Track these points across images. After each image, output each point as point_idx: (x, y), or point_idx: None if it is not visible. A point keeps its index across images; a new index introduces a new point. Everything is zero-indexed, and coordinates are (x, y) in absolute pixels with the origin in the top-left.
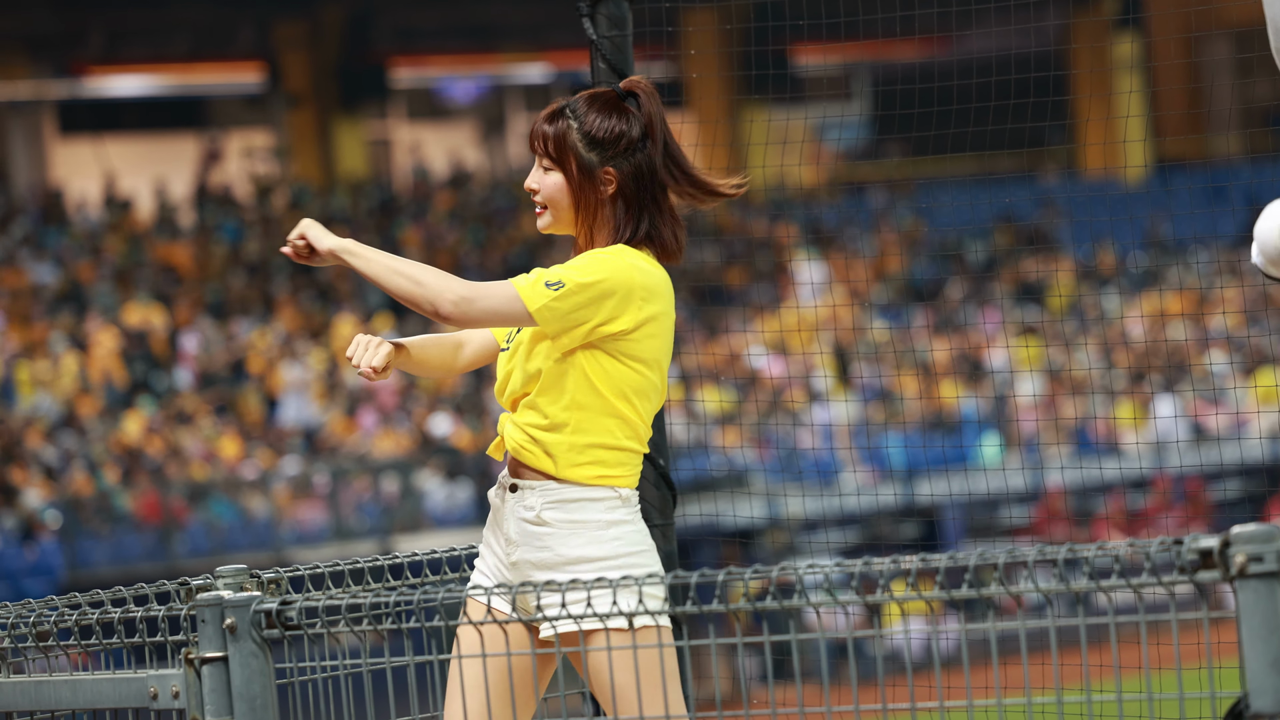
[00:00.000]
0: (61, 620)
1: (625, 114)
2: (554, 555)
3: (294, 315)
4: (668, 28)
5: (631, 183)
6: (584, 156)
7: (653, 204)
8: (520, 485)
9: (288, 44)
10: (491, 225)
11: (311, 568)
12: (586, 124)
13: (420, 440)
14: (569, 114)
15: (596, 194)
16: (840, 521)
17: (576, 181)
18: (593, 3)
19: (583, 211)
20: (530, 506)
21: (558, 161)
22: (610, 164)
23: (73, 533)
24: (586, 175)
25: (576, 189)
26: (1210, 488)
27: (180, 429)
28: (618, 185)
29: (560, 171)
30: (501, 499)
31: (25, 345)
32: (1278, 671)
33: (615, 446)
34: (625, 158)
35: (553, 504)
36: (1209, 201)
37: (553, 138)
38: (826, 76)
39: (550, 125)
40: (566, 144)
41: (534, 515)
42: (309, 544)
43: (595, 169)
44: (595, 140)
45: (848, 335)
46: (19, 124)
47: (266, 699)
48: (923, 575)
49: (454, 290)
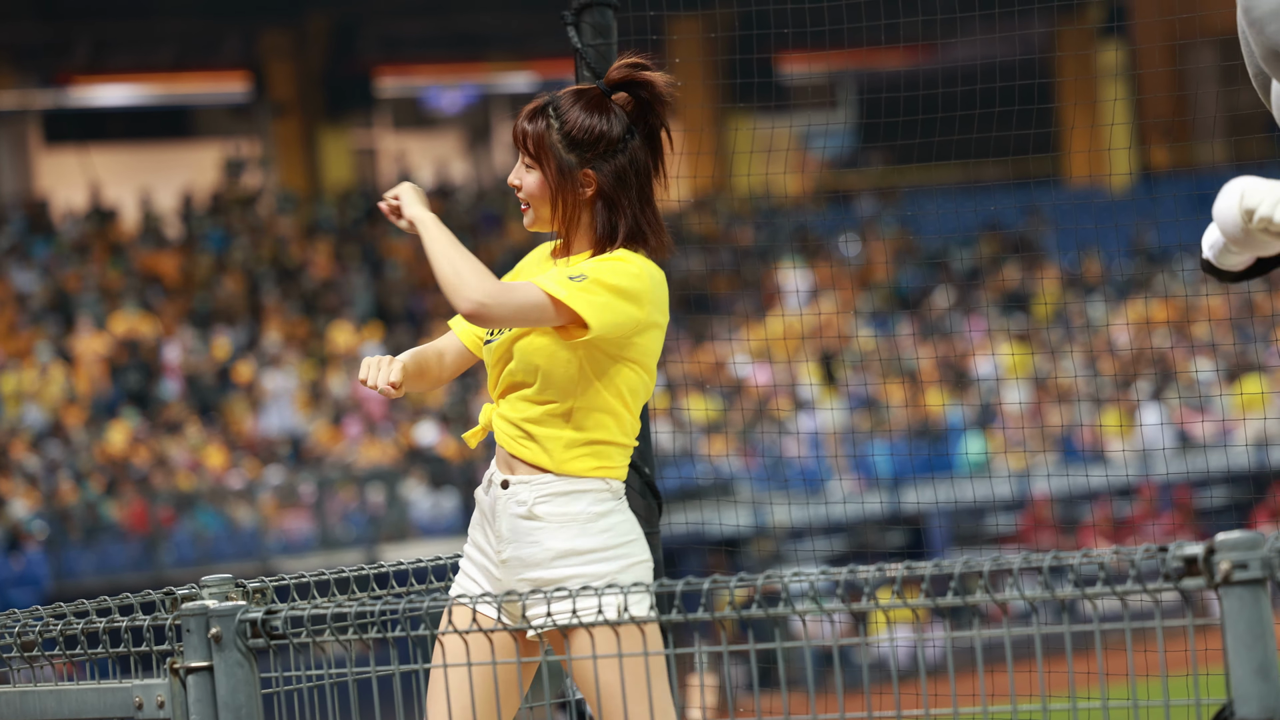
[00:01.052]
0: (47, 630)
1: (607, 113)
2: (543, 550)
3: (280, 325)
4: (653, 36)
5: (612, 184)
6: (563, 157)
7: (637, 203)
8: (512, 481)
9: (273, 53)
10: (477, 234)
11: (297, 577)
12: (566, 124)
13: (406, 450)
14: (550, 113)
15: (575, 195)
16: (826, 530)
17: (555, 181)
18: (577, 11)
19: (561, 211)
20: (522, 501)
21: (537, 160)
22: (589, 165)
23: (58, 543)
24: (565, 176)
25: (555, 189)
26: (1196, 495)
27: (166, 439)
28: (597, 187)
29: (539, 171)
30: (492, 496)
31: (11, 355)
32: (1263, 678)
33: (610, 441)
34: (605, 159)
35: (544, 498)
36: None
37: (533, 136)
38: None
39: (531, 123)
40: (545, 144)
41: (525, 510)
42: (295, 553)
43: (574, 170)
44: (574, 141)
45: (834, 343)
46: (4, 133)
47: (252, 709)
48: (908, 583)
49: (484, 288)
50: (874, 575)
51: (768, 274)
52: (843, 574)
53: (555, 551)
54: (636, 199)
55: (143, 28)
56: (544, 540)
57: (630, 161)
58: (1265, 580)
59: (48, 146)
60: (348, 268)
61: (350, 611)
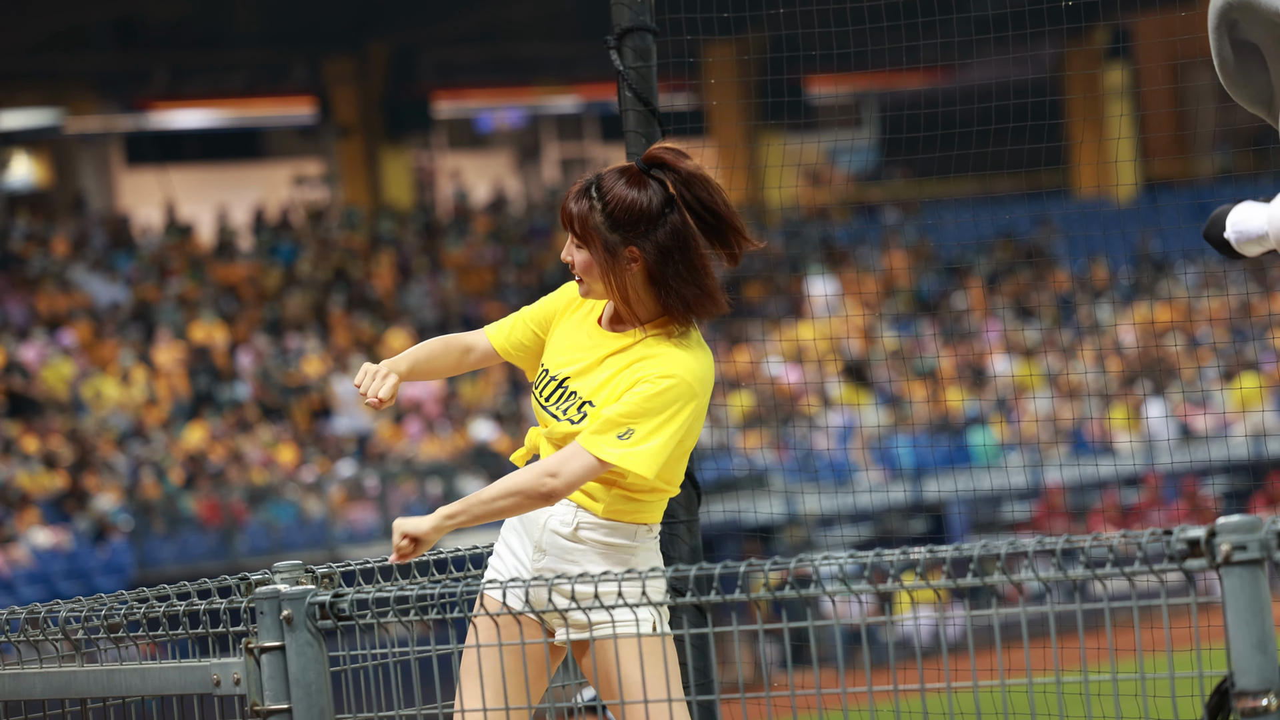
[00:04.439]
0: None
1: (645, 187)
2: (578, 569)
3: (346, 331)
4: (689, 59)
5: (657, 258)
6: (607, 237)
7: (685, 274)
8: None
9: (337, 79)
10: (529, 245)
11: (362, 563)
12: (609, 204)
13: (462, 446)
14: (592, 194)
15: (623, 270)
16: (854, 518)
17: (603, 260)
18: (619, 36)
19: (614, 286)
20: (566, 522)
21: (583, 240)
22: (634, 243)
23: (141, 533)
24: (611, 254)
25: (605, 267)
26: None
27: (240, 437)
28: (643, 262)
29: (587, 250)
30: (535, 511)
31: (96, 361)
32: (1261, 652)
33: (653, 490)
34: (648, 234)
35: (589, 525)
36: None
37: (578, 217)
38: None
39: (576, 204)
40: (590, 224)
41: (569, 531)
42: (360, 542)
43: (619, 248)
44: (617, 221)
45: (861, 345)
46: (89, 155)
47: (321, 685)
48: (931, 566)
49: (541, 481)
50: (899, 559)
51: (797, 281)
52: (869, 558)
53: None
54: (684, 269)
55: (216, 57)
56: (582, 562)
57: (672, 234)
58: (1263, 561)
59: (129, 167)
60: (408, 278)
61: (412, 594)
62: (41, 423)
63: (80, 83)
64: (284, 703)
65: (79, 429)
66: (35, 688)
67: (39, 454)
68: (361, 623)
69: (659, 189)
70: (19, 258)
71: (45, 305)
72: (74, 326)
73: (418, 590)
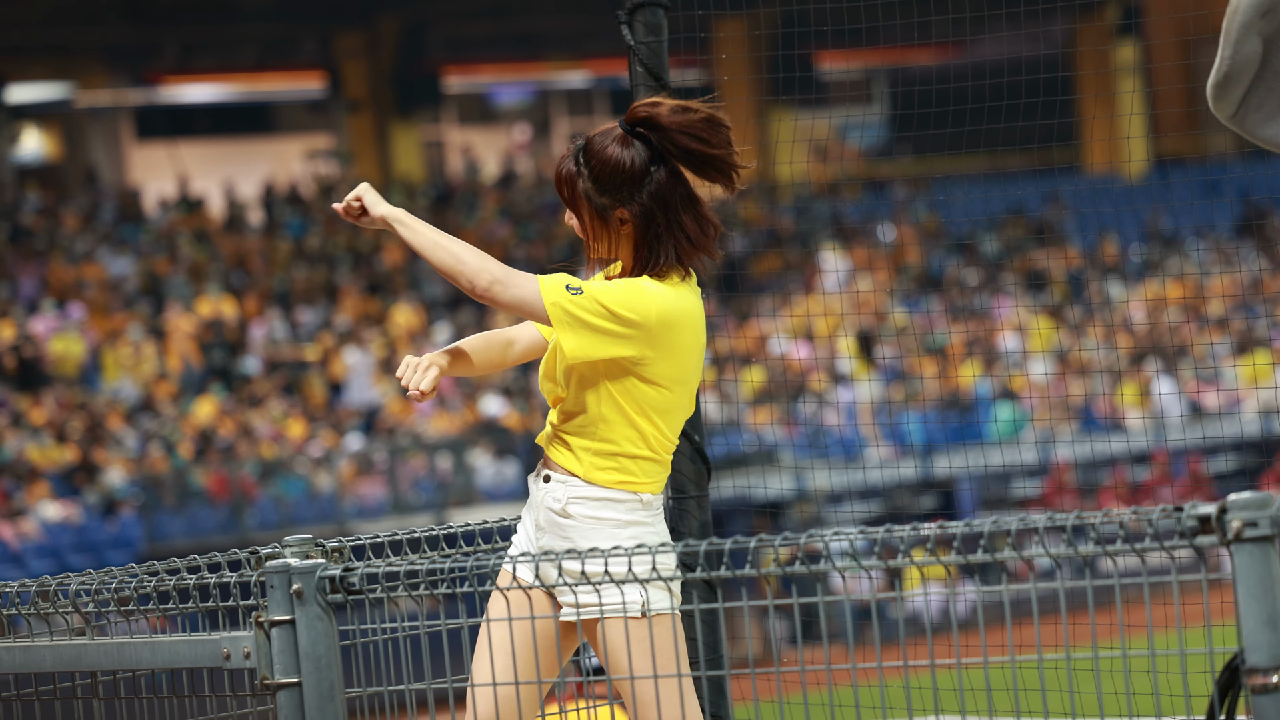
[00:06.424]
0: (141, 587)
1: (628, 146)
2: (573, 547)
3: (355, 304)
4: (701, 34)
5: (645, 216)
6: (596, 201)
7: (675, 228)
8: (552, 477)
9: (347, 54)
10: (539, 220)
11: (372, 538)
12: (593, 169)
13: (472, 421)
14: (580, 160)
15: (613, 230)
16: (863, 494)
17: (594, 223)
18: (630, 11)
19: (607, 247)
20: (558, 499)
21: (574, 204)
22: (622, 204)
23: (151, 507)
24: (601, 217)
25: (596, 229)
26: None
27: (250, 411)
28: (634, 222)
29: (578, 215)
30: (536, 486)
31: (106, 334)
32: (1271, 629)
33: (637, 456)
34: (635, 194)
35: (577, 499)
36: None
37: (567, 181)
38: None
39: (565, 170)
40: (578, 191)
41: (560, 508)
42: (369, 517)
43: (608, 210)
44: (603, 184)
45: (870, 321)
46: (99, 129)
47: (331, 659)
48: (941, 542)
49: (490, 272)
50: (908, 535)
51: (808, 257)
52: (879, 534)
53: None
54: (671, 225)
55: (226, 31)
56: (574, 539)
57: (658, 191)
58: (1274, 537)
59: (139, 141)
60: None
61: (421, 569)
62: (51, 396)
63: (91, 56)
64: (294, 676)
65: (89, 403)
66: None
67: (49, 427)
68: (371, 597)
69: (642, 148)
70: (29, 231)
71: (55, 279)
72: (84, 300)
73: (428, 565)
